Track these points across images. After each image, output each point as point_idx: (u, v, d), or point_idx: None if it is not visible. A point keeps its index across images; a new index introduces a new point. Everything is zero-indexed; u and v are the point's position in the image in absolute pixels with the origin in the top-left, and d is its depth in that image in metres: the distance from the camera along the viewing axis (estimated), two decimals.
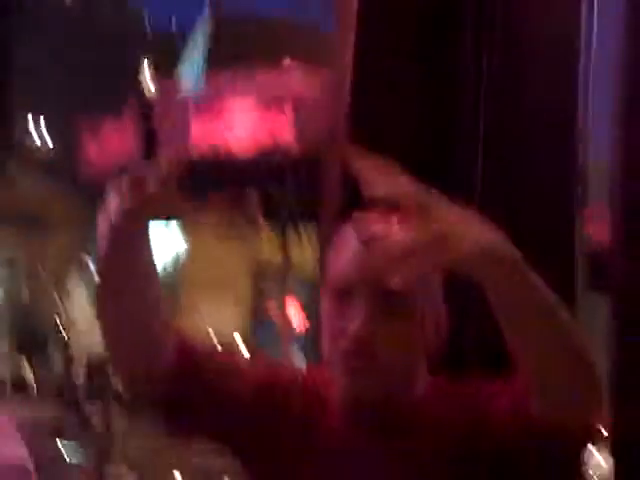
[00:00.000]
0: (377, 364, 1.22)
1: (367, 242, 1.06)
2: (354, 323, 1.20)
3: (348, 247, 1.24)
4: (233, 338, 26.94)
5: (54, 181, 43.28)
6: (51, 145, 46.12)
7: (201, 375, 1.29)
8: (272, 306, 27.50)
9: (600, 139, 2.16)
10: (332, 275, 1.26)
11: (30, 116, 41.15)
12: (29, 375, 25.51)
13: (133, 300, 1.24)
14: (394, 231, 0.98)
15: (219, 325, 27.62)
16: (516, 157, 2.13)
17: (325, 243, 2.18)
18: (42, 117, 43.02)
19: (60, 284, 36.03)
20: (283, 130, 3.23)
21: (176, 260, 29.52)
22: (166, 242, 29.21)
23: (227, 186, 4.76)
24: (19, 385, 23.90)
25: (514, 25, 2.20)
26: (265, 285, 28.66)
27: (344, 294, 1.22)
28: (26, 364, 26.53)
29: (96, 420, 18.55)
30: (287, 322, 4.97)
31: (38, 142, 46.86)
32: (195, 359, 1.30)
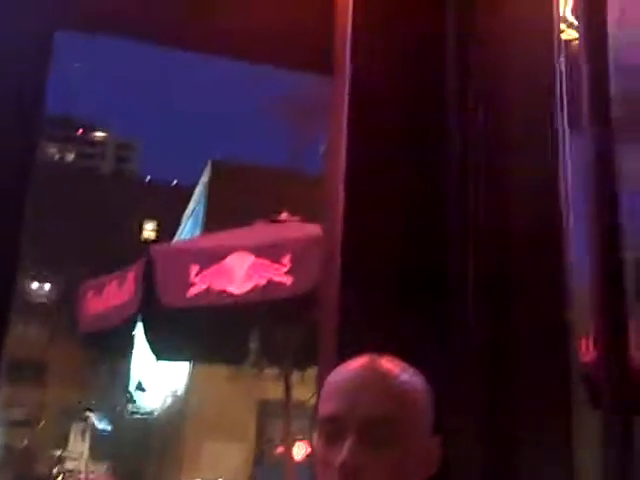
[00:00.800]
0: None
1: None
2: (341, 455, 1.22)
3: (334, 385, 1.28)
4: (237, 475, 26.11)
5: (55, 331, 42.97)
6: (53, 297, 46.09)
7: None
8: (276, 444, 26.87)
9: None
10: (321, 411, 1.28)
11: (34, 269, 41.53)
12: None
13: None
14: None
15: (224, 461, 26.83)
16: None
17: (322, 383, 2.20)
18: (46, 271, 43.38)
19: (60, 434, 35.30)
20: (280, 276, 3.29)
21: (184, 396, 29.05)
22: (175, 378, 28.84)
23: (230, 331, 4.73)
24: None
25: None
26: (269, 423, 28.14)
27: (334, 429, 1.24)
28: None
29: None
30: (291, 459, 4.85)
31: (41, 294, 46.88)
32: None
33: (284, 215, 4.45)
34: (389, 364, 1.30)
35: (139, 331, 4.38)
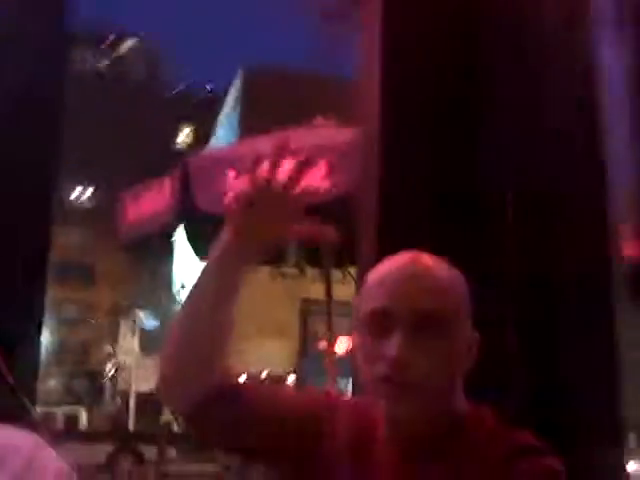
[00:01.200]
0: (414, 387, 1.22)
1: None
2: (390, 348, 1.21)
3: (378, 281, 1.27)
4: (282, 372, 26.88)
5: (99, 235, 43.76)
6: (95, 203, 46.71)
7: (239, 403, 1.36)
8: (319, 341, 27.49)
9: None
10: (366, 306, 1.27)
11: (77, 178, 41.93)
12: (82, 416, 25.76)
13: (210, 329, 1.38)
14: None
15: (268, 358, 27.61)
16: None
17: (365, 278, 2.20)
18: (88, 178, 43.85)
19: (111, 332, 36.41)
20: (317, 181, 3.23)
21: None
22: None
23: None
24: (72, 425, 24.07)
25: None
26: (311, 320, 28.75)
27: (381, 323, 1.24)
28: (82, 409, 26.84)
29: (149, 456, 18.60)
30: (333, 353, 4.94)
31: (83, 200, 47.53)
32: (235, 390, 1.38)
33: (319, 119, 4.36)
34: (431, 259, 1.29)
35: (179, 236, 4.40)
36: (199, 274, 1.40)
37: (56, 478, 1.32)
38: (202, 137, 37.92)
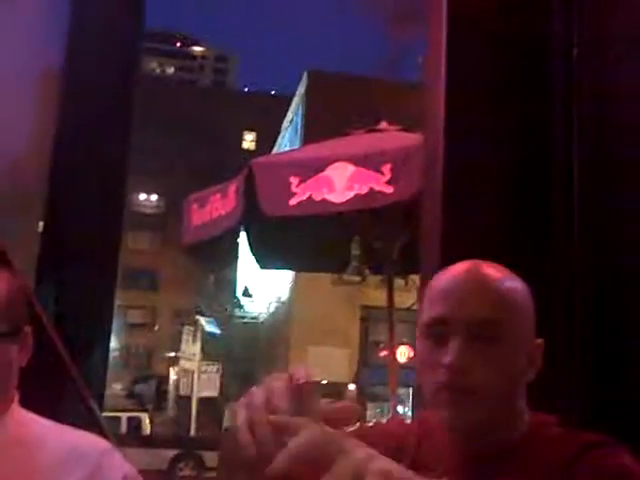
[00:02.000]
0: (474, 394, 1.22)
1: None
2: (447, 355, 1.22)
3: (438, 288, 1.28)
4: (344, 383, 26.84)
5: (164, 241, 44.35)
6: (161, 209, 47.43)
7: None
8: (380, 347, 27.40)
9: None
10: (426, 314, 1.28)
11: (143, 185, 42.70)
12: (145, 421, 26.16)
13: None
14: None
15: (329, 364, 27.61)
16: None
17: (425, 289, 2.21)
18: (154, 184, 44.57)
19: (174, 338, 36.90)
20: (380, 185, 3.25)
21: (289, 302, 29.87)
22: (280, 285, 29.60)
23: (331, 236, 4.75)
24: (135, 430, 24.45)
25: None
26: (372, 328, 28.70)
27: (440, 331, 1.25)
28: (145, 414, 27.26)
29: (209, 462, 18.78)
30: (395, 361, 4.92)
31: (149, 205, 48.30)
32: None
33: (383, 124, 4.36)
34: (493, 268, 1.29)
35: (242, 241, 4.46)
36: None
37: (125, 477, 1.36)
38: (267, 142, 38.24)
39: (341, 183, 3.35)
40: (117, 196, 2.81)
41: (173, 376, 37.90)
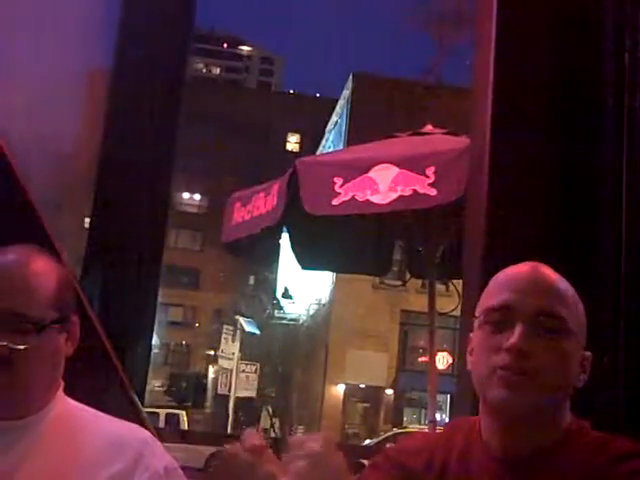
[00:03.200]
0: (533, 379, 1.25)
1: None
2: (511, 338, 1.25)
3: (502, 280, 1.33)
4: (381, 387, 26.76)
5: (206, 239, 44.61)
6: (203, 207, 47.75)
7: None
8: (419, 353, 27.26)
9: None
10: (488, 302, 1.31)
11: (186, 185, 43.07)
12: (183, 418, 26.35)
13: None
14: None
15: (367, 368, 27.53)
16: None
17: (470, 291, 2.21)
18: (197, 183, 44.92)
19: (214, 337, 37.15)
20: (424, 188, 3.25)
21: (329, 305, 29.86)
22: (320, 287, 29.60)
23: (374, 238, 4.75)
24: (173, 427, 24.63)
25: None
26: (411, 333, 28.56)
27: (502, 318, 1.28)
28: (182, 412, 27.46)
29: None
30: (434, 367, 4.90)
31: (192, 204, 48.66)
32: None
33: (428, 127, 4.36)
34: (551, 270, 1.34)
35: (284, 241, 4.48)
36: None
37: (166, 471, 1.39)
38: (311, 144, 38.34)
39: (385, 184, 3.36)
40: (163, 194, 2.85)
41: (212, 375, 38.14)
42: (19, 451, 1.34)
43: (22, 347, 1.33)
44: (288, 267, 22.22)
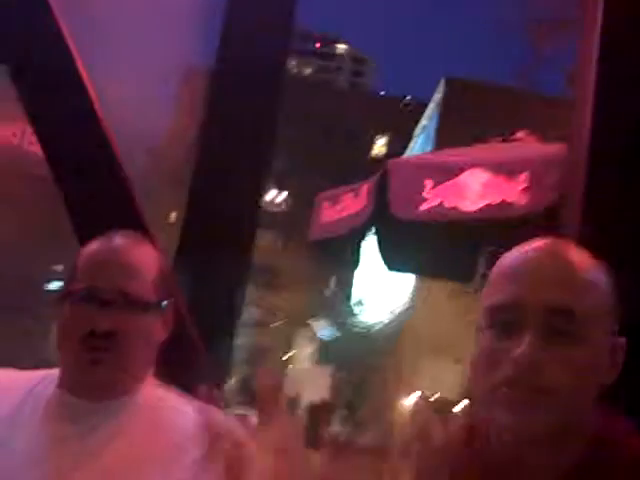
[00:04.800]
0: (546, 396, 1.03)
1: None
2: (518, 347, 1.03)
3: (510, 269, 1.10)
4: (453, 399, 26.47)
5: (288, 239, 44.89)
6: (288, 208, 48.11)
7: None
8: None
9: None
10: (494, 298, 1.09)
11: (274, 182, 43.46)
12: (254, 418, 26.58)
13: None
14: None
15: (442, 378, 27.26)
16: None
17: None
18: (282, 182, 45.28)
19: (289, 339, 37.38)
20: (514, 195, 3.23)
21: (405, 314, 29.70)
22: (397, 295, 29.47)
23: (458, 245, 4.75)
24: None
25: None
26: None
27: (510, 318, 1.06)
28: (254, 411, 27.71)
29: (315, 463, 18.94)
30: None
31: (276, 203, 49.13)
32: None
33: (521, 134, 4.33)
34: (572, 250, 1.10)
35: (368, 243, 4.51)
36: None
37: (245, 459, 1.44)
38: (398, 147, 38.23)
39: (474, 190, 3.36)
40: (255, 192, 2.91)
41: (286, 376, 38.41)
42: (108, 431, 1.39)
43: (128, 324, 1.39)
44: (366, 273, 22.18)
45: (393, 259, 4.68)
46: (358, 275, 25.97)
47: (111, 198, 2.38)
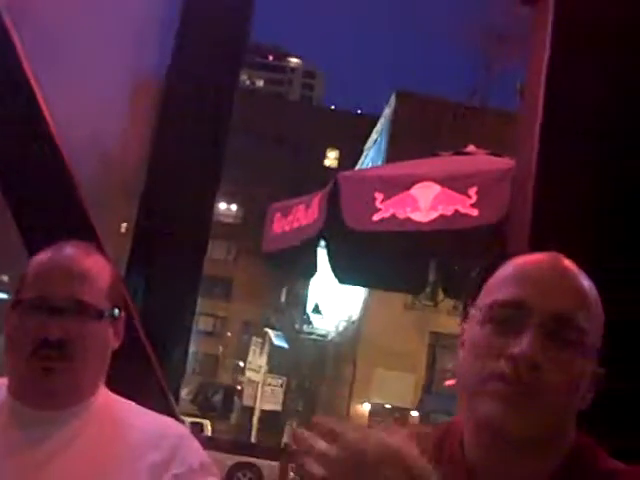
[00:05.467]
0: (540, 396, 1.04)
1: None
2: (519, 345, 1.03)
3: (515, 271, 1.12)
4: (407, 408, 26.63)
5: (240, 251, 44.76)
6: (239, 218, 47.94)
7: None
8: (447, 376, 27.06)
9: None
10: (498, 294, 1.10)
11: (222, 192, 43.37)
12: (207, 427, 26.42)
13: None
14: None
15: (393, 388, 27.39)
16: None
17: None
18: (233, 194, 45.21)
19: (242, 348, 37.28)
20: (466, 207, 3.26)
21: (358, 323, 29.83)
22: (351, 305, 29.60)
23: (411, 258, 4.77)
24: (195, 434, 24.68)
25: None
26: (440, 354, 28.38)
27: (511, 316, 1.06)
28: (207, 421, 27.55)
29: (268, 474, 18.85)
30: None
31: (228, 215, 48.94)
32: None
33: (471, 147, 4.37)
34: (574, 266, 1.12)
35: (321, 254, 4.51)
36: None
37: (201, 466, 1.42)
38: (349, 160, 38.45)
39: (426, 203, 3.38)
40: (208, 202, 2.89)
41: (238, 386, 38.22)
42: (59, 440, 1.37)
43: (81, 332, 1.37)
44: (320, 282, 22.25)
45: (344, 272, 4.69)
46: (313, 284, 26.00)
47: (61, 207, 2.33)
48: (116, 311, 1.45)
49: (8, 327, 1.40)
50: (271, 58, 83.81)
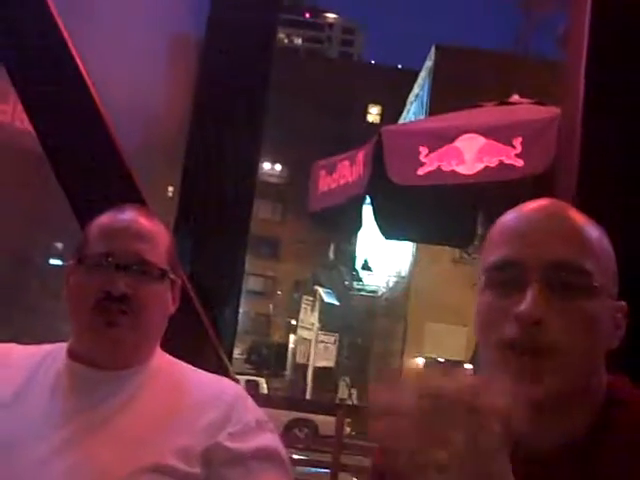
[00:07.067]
0: (554, 355, 0.98)
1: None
2: (523, 303, 0.97)
3: (509, 227, 1.05)
4: (460, 361, 26.67)
5: (287, 210, 44.92)
6: (284, 177, 48.04)
7: None
8: None
9: None
10: (494, 256, 1.03)
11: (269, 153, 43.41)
12: (262, 385, 26.82)
13: None
14: None
15: (446, 342, 27.41)
16: None
17: None
18: (277, 152, 45.24)
19: (293, 307, 37.57)
20: (511, 158, 3.21)
21: (409, 278, 29.82)
22: (400, 260, 29.58)
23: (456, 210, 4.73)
24: (251, 392, 25.04)
25: None
26: None
27: (511, 276, 1.00)
28: (262, 379, 27.94)
29: (323, 429, 19.08)
30: None
31: (273, 174, 49.06)
32: None
33: (515, 97, 4.28)
34: (577, 212, 1.05)
35: (367, 210, 4.49)
36: None
37: (257, 423, 1.43)
38: (392, 115, 38.10)
39: (471, 155, 3.34)
40: (251, 162, 2.89)
41: (291, 344, 38.63)
42: (119, 400, 1.38)
43: (144, 290, 1.37)
44: (368, 238, 22.25)
45: (390, 228, 4.67)
46: (361, 241, 26.01)
47: (108, 175, 2.35)
48: (174, 275, 1.44)
49: (71, 284, 1.41)
50: (308, 16, 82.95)
